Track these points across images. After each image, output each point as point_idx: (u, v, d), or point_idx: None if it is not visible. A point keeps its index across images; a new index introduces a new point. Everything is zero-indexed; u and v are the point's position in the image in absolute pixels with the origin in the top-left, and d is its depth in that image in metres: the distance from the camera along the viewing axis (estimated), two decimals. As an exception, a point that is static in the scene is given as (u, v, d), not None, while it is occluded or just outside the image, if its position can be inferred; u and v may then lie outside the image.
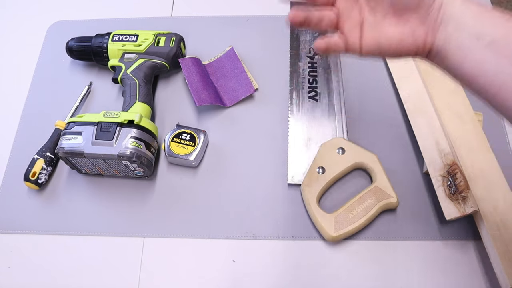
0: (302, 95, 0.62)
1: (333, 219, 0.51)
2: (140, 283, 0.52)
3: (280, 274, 0.52)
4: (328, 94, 0.62)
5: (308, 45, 0.66)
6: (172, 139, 0.56)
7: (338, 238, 0.51)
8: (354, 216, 0.51)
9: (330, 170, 0.54)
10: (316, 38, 0.65)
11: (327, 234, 0.51)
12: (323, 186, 0.54)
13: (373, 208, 0.52)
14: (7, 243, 0.55)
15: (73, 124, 0.54)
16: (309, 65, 0.65)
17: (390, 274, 0.51)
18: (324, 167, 0.55)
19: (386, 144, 0.58)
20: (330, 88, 0.62)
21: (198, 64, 0.63)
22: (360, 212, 0.52)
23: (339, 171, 0.54)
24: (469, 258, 0.52)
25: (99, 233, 0.55)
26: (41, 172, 0.56)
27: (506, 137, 0.60)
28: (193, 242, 0.54)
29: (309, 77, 0.64)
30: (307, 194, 0.53)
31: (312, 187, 0.54)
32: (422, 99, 0.57)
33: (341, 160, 0.55)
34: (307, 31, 0.68)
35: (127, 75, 0.59)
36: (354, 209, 0.52)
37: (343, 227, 0.51)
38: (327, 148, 0.56)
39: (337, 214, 0.52)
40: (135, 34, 0.62)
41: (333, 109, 0.60)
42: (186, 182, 0.57)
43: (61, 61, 0.67)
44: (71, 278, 0.52)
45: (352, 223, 0.51)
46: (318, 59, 0.65)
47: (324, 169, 0.54)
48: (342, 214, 0.52)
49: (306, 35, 0.68)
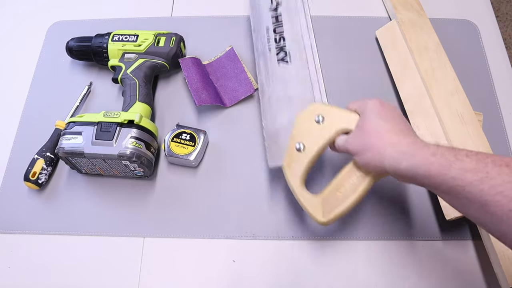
0: (270, 60, 0.53)
1: (321, 202, 0.45)
2: (140, 283, 0.52)
3: (280, 274, 0.52)
4: (299, 51, 0.52)
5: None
6: (172, 139, 0.56)
7: (329, 222, 0.44)
8: (343, 194, 0.44)
9: (310, 144, 0.46)
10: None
11: (316, 220, 0.45)
12: (306, 165, 0.46)
13: (363, 182, 0.43)
14: (7, 243, 0.55)
15: (73, 124, 0.54)
16: (274, 20, 0.55)
17: (390, 274, 0.51)
18: (303, 142, 0.46)
19: (386, 144, 0.58)
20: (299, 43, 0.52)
21: (198, 64, 0.63)
22: (349, 189, 0.44)
23: (321, 143, 0.46)
24: (469, 258, 0.52)
25: (99, 233, 0.55)
26: (41, 172, 0.56)
27: (506, 137, 0.60)
28: (193, 242, 0.54)
29: (275, 35, 0.54)
30: (288, 177, 0.46)
31: (292, 168, 0.46)
32: (422, 99, 0.57)
33: (321, 130, 0.46)
34: None
35: (127, 75, 0.59)
36: (342, 187, 0.44)
37: (332, 209, 0.44)
38: (304, 119, 0.47)
39: (324, 195, 0.45)
40: (135, 34, 0.62)
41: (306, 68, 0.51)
42: (186, 182, 0.57)
43: (61, 61, 0.67)
44: (71, 278, 0.52)
45: (342, 203, 0.43)
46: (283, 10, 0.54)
47: (304, 144, 0.46)
48: (330, 194, 0.44)
49: None
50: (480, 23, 0.69)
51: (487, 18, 0.71)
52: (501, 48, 0.67)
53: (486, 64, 0.65)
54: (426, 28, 0.65)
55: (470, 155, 0.34)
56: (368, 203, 0.55)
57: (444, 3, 0.71)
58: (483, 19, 0.70)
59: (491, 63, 0.66)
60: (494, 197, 0.31)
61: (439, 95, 0.58)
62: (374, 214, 0.54)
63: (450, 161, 0.34)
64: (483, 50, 0.67)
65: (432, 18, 0.67)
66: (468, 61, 0.65)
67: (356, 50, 0.67)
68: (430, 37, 0.64)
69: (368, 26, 0.68)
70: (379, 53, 0.66)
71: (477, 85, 0.63)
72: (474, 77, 0.64)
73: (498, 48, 0.67)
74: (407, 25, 0.65)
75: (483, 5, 0.72)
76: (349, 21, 0.70)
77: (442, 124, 0.55)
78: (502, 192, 0.30)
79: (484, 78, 0.64)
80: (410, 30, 0.64)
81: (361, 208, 0.55)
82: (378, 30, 0.66)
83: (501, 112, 0.62)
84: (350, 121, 0.45)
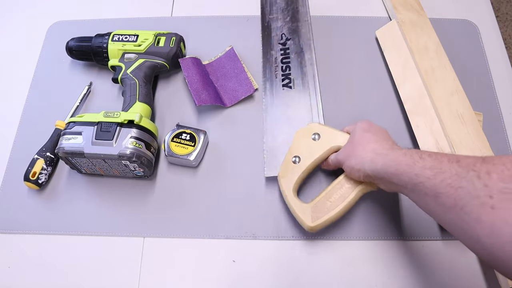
0: (275, 85, 0.61)
1: (310, 209, 0.49)
2: (140, 283, 0.52)
3: (280, 274, 0.52)
4: (302, 79, 0.60)
5: (280, 31, 0.65)
6: (172, 139, 0.56)
7: (317, 228, 0.49)
8: (332, 203, 0.49)
9: (305, 158, 0.52)
10: (287, 23, 0.65)
11: (305, 225, 0.49)
12: (299, 176, 0.52)
13: (351, 194, 0.49)
14: (7, 243, 0.55)
15: (73, 124, 0.54)
16: (282, 52, 0.63)
17: (390, 274, 0.51)
18: (299, 155, 0.52)
19: (386, 144, 0.58)
20: (303, 72, 0.60)
21: (198, 64, 0.63)
22: (338, 199, 0.49)
23: (314, 158, 0.52)
24: (469, 258, 0.52)
25: (99, 233, 0.55)
26: (41, 172, 0.56)
27: (506, 137, 0.60)
28: (193, 242, 0.54)
29: (282, 64, 0.62)
30: (283, 185, 0.52)
31: (287, 178, 0.52)
32: (422, 99, 0.57)
33: (316, 146, 0.53)
34: (278, 17, 0.66)
35: (127, 75, 0.59)
36: (332, 196, 0.49)
37: (320, 216, 0.49)
38: (302, 135, 0.54)
39: (314, 203, 0.50)
40: (135, 34, 0.62)
41: (308, 94, 0.59)
42: (186, 182, 0.57)
43: (61, 61, 0.67)
44: (71, 278, 0.52)
45: (330, 211, 0.49)
46: (291, 44, 0.63)
47: (300, 157, 0.52)
48: (320, 202, 0.49)
49: (277, 22, 0.66)
50: (480, 23, 0.69)
51: (487, 18, 0.71)
52: (501, 48, 0.67)
53: (486, 64, 0.65)
54: (426, 28, 0.65)
55: (432, 154, 0.38)
56: (368, 203, 0.55)
57: (444, 3, 0.72)
58: (483, 19, 0.70)
59: (491, 63, 0.66)
60: (444, 188, 0.34)
61: (439, 95, 0.58)
62: (374, 214, 0.54)
63: (414, 160, 0.39)
64: (483, 50, 0.67)
65: (432, 18, 0.67)
66: (468, 61, 0.65)
67: (356, 50, 0.67)
68: (430, 37, 0.64)
69: (368, 26, 0.68)
70: (379, 53, 0.66)
71: (477, 85, 0.63)
72: (474, 77, 0.64)
73: (498, 48, 0.68)
74: (407, 25, 0.65)
75: (483, 5, 0.72)
76: (349, 21, 0.70)
77: (442, 124, 0.55)
78: (450, 184, 0.34)
79: (484, 78, 0.64)
80: (410, 30, 0.64)
81: (360, 208, 0.55)
82: (378, 30, 0.66)
83: (501, 112, 0.62)
84: (343, 140, 0.52)
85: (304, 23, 0.65)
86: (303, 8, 0.66)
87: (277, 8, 0.67)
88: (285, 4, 0.67)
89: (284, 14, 0.66)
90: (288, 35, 0.64)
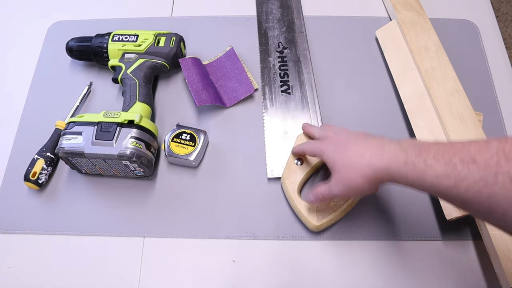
0: (274, 89, 0.63)
1: (315, 209, 0.52)
2: (140, 283, 0.52)
3: (280, 274, 0.52)
4: (300, 87, 0.62)
5: (277, 40, 0.67)
6: (172, 139, 0.56)
7: (322, 227, 0.52)
8: (335, 203, 0.52)
9: (308, 160, 0.55)
10: (283, 33, 0.66)
11: (310, 224, 0.52)
12: (303, 177, 0.54)
13: None
14: (7, 243, 0.55)
15: (73, 124, 0.54)
16: (279, 60, 0.65)
17: (390, 274, 0.51)
18: (302, 158, 0.55)
19: (386, 144, 0.58)
20: (301, 80, 0.63)
21: (198, 64, 0.63)
22: (341, 199, 0.52)
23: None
24: (470, 258, 0.52)
25: (99, 233, 0.55)
26: (41, 172, 0.56)
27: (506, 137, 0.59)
28: (193, 242, 0.54)
29: (280, 71, 0.64)
30: (287, 187, 0.54)
31: (291, 179, 0.54)
32: (422, 99, 0.57)
33: None
34: (275, 26, 0.68)
35: (127, 75, 0.59)
36: None
37: (325, 216, 0.51)
38: (304, 138, 0.56)
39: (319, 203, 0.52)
40: (135, 34, 0.62)
41: (306, 100, 0.61)
42: (186, 182, 0.57)
43: (61, 61, 0.67)
44: (71, 278, 0.52)
45: (334, 211, 0.52)
46: (288, 53, 0.65)
47: (302, 160, 0.55)
48: (324, 203, 0.52)
49: (273, 30, 0.68)
50: (480, 23, 0.69)
51: (487, 18, 0.71)
52: (501, 48, 0.67)
53: (486, 64, 0.65)
54: (426, 28, 0.65)
55: (437, 156, 0.35)
56: (368, 203, 0.55)
57: (444, 3, 0.72)
58: (483, 19, 0.70)
59: (491, 63, 0.66)
60: (472, 198, 0.32)
61: (439, 95, 0.58)
62: (374, 214, 0.54)
63: (422, 169, 0.36)
64: (483, 50, 0.67)
65: (432, 18, 0.67)
66: (468, 61, 0.65)
67: (356, 50, 0.67)
68: (430, 37, 0.64)
69: (368, 26, 0.68)
70: (379, 53, 0.66)
71: (477, 85, 0.63)
72: (474, 77, 0.64)
73: (498, 48, 0.68)
74: (407, 25, 0.65)
75: (483, 5, 0.72)
76: (349, 21, 0.70)
77: (442, 124, 0.55)
78: (479, 191, 0.32)
79: (484, 78, 0.64)
80: (410, 30, 0.64)
81: (361, 209, 0.55)
82: (378, 30, 0.66)
83: (501, 112, 0.62)
84: None
85: (300, 34, 0.67)
86: (298, 20, 0.68)
87: (273, 17, 0.69)
88: (281, 15, 0.69)
89: (280, 24, 0.68)
90: (285, 44, 0.66)
